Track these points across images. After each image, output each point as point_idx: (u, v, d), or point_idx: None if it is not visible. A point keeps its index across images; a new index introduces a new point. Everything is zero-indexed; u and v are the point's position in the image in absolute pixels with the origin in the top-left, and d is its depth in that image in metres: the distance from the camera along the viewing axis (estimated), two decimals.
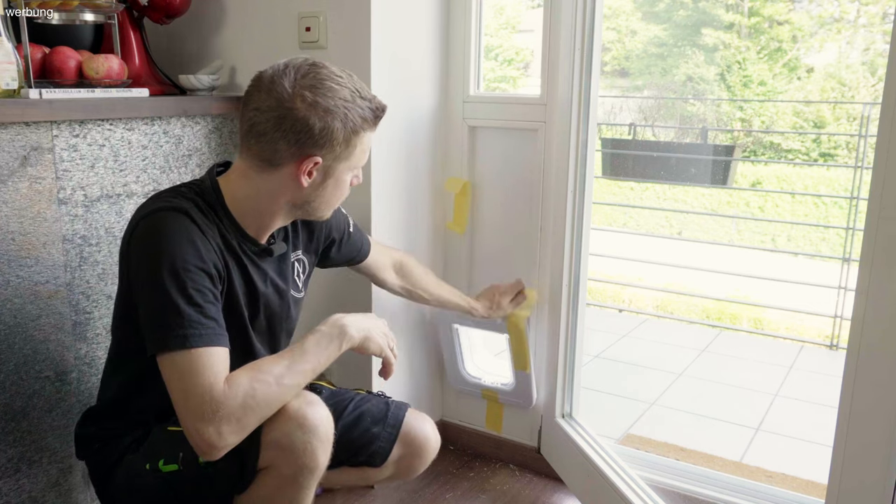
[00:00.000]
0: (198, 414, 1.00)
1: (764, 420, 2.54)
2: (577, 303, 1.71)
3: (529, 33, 6.72)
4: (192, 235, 1.07)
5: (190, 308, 1.03)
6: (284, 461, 1.09)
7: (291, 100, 1.08)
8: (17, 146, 1.30)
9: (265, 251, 1.22)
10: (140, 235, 1.08)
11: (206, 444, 1.00)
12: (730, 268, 4.21)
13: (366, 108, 1.13)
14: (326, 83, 1.10)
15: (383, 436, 1.35)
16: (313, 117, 1.08)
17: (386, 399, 1.43)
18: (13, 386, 1.35)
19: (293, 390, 1.08)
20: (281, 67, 1.11)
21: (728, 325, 3.98)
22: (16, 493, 1.38)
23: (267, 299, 1.24)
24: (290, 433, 1.07)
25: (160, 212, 1.08)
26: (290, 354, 1.10)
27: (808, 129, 7.20)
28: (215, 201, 1.15)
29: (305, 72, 1.10)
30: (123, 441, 1.19)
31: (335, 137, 1.10)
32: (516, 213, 1.82)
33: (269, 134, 1.09)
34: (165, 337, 1.02)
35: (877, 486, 0.96)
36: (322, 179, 1.15)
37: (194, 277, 1.05)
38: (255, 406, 1.03)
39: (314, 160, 1.11)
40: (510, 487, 1.81)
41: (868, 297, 0.94)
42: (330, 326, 1.15)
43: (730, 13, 7.77)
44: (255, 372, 1.05)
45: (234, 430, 1.01)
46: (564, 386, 1.75)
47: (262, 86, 1.11)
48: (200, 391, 1.00)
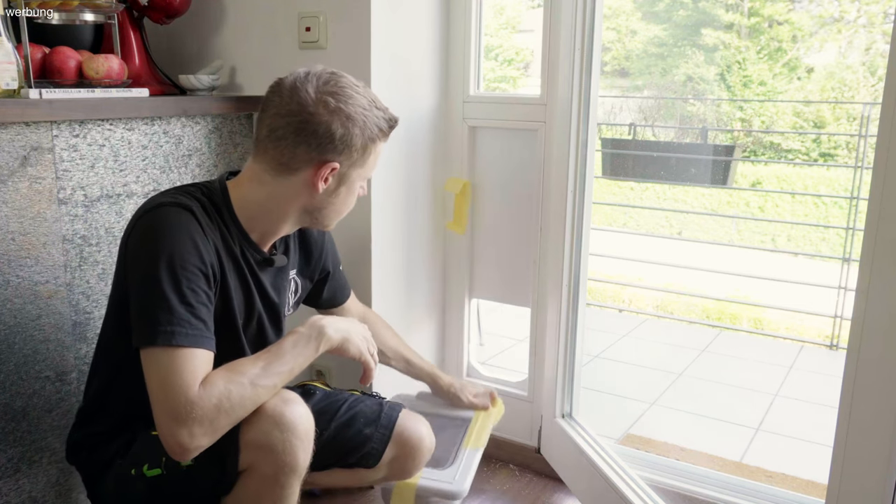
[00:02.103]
0: (172, 414, 1.00)
1: (764, 420, 2.54)
2: (577, 303, 1.71)
3: (529, 33, 6.73)
4: (193, 234, 1.08)
5: (182, 306, 1.03)
6: (264, 461, 1.08)
7: (315, 105, 1.10)
8: (17, 146, 1.30)
9: (266, 261, 1.23)
10: (142, 227, 1.09)
11: (177, 444, 1.00)
12: (730, 268, 4.21)
13: (381, 119, 1.16)
14: (348, 91, 1.12)
15: (376, 437, 1.34)
16: (335, 123, 1.10)
17: (380, 400, 1.42)
18: (13, 386, 1.35)
19: (269, 391, 1.08)
20: (302, 75, 1.13)
21: (728, 325, 3.98)
22: (16, 493, 1.38)
23: (261, 308, 1.24)
24: (268, 432, 1.07)
25: (165, 206, 1.09)
26: (267, 355, 1.10)
27: (808, 129, 7.20)
28: (222, 204, 1.16)
29: (327, 79, 1.12)
30: (110, 448, 1.19)
31: (354, 144, 1.13)
32: (516, 213, 1.82)
33: (288, 138, 1.11)
34: (153, 331, 1.02)
35: (877, 486, 0.96)
36: (336, 186, 1.17)
37: (190, 276, 1.05)
38: (230, 408, 1.03)
39: (332, 166, 1.13)
40: (510, 487, 1.81)
41: (868, 297, 0.94)
42: (308, 327, 1.15)
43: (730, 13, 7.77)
44: (231, 373, 1.05)
45: (206, 433, 1.01)
46: (564, 386, 1.75)
47: (283, 91, 1.12)
48: (177, 391, 1.00)
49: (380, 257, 1.73)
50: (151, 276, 1.03)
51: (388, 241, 1.74)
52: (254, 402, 1.06)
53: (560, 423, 1.75)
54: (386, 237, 1.74)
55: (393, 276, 1.78)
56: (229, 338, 1.20)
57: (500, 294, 1.93)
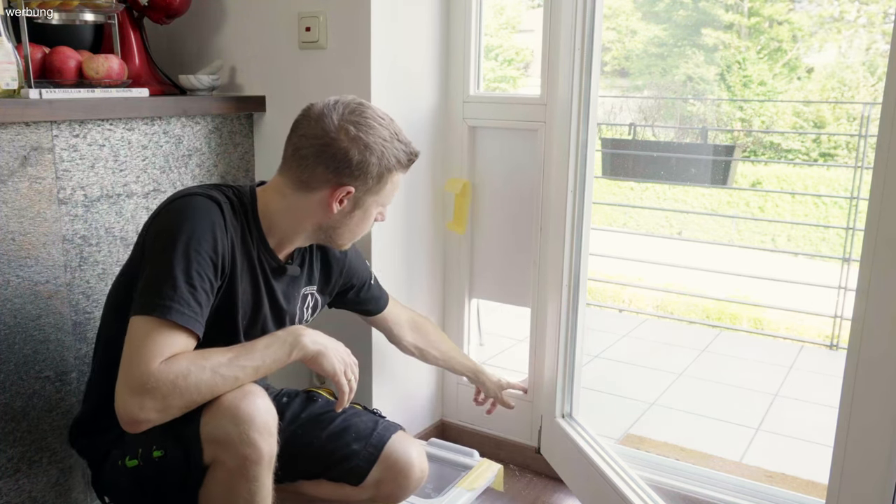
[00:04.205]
0: (129, 381, 1.02)
1: (764, 420, 2.54)
2: (577, 303, 1.71)
3: (529, 33, 6.72)
4: (214, 224, 1.13)
5: (186, 286, 1.07)
6: (226, 454, 1.09)
7: (337, 132, 1.16)
8: (17, 146, 1.30)
9: (280, 268, 1.26)
10: (171, 210, 1.14)
11: (127, 414, 1.02)
12: (730, 268, 4.21)
13: (401, 151, 1.21)
14: (370, 122, 1.18)
15: (363, 454, 1.33)
16: (353, 150, 1.16)
17: (378, 418, 1.40)
18: (13, 386, 1.35)
19: (229, 383, 1.08)
20: (332, 102, 1.19)
21: (728, 325, 3.98)
22: (16, 493, 1.38)
23: (267, 314, 1.26)
24: (224, 426, 1.08)
25: (196, 196, 1.15)
26: (238, 349, 1.12)
27: (808, 129, 7.19)
28: (249, 206, 1.21)
29: (353, 109, 1.18)
30: (108, 436, 1.21)
31: (370, 171, 1.18)
32: (516, 213, 1.82)
33: (310, 159, 1.17)
34: (152, 302, 1.05)
35: (877, 486, 0.96)
36: (351, 209, 1.22)
37: (201, 261, 1.09)
38: (185, 388, 1.03)
39: (347, 189, 1.18)
40: (510, 487, 1.81)
41: (868, 297, 0.94)
42: (287, 333, 1.17)
43: (730, 13, 7.77)
44: (196, 357, 1.06)
45: (157, 408, 1.02)
46: (564, 386, 1.75)
47: (311, 115, 1.18)
48: (141, 359, 1.02)
49: (380, 257, 1.73)
50: (167, 253, 1.08)
51: (388, 240, 1.74)
52: (210, 389, 1.07)
53: (560, 423, 1.75)
54: (386, 237, 1.74)
55: (393, 276, 1.78)
56: (228, 336, 1.21)
57: (500, 294, 1.93)
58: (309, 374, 1.80)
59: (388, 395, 1.82)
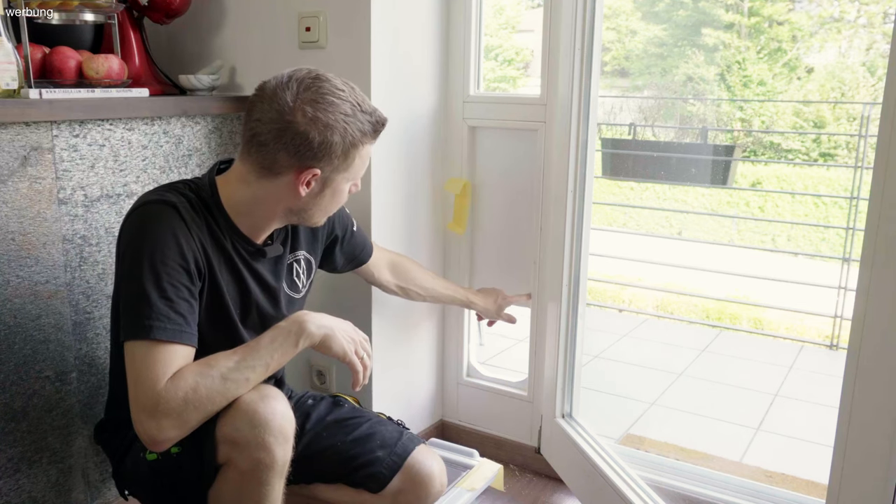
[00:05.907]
0: (142, 406, 1.02)
1: (764, 420, 2.54)
2: (577, 303, 1.71)
3: (529, 33, 6.72)
4: (175, 230, 1.10)
5: (161, 301, 1.05)
6: (239, 456, 1.09)
7: (292, 113, 1.10)
8: (17, 146, 1.30)
9: (259, 252, 1.23)
10: (127, 226, 1.13)
11: (147, 436, 1.03)
12: (730, 268, 4.21)
13: (366, 122, 1.15)
14: (328, 97, 1.11)
15: (386, 462, 1.32)
16: (313, 131, 1.10)
17: (402, 429, 1.40)
18: (13, 386, 1.35)
19: (242, 386, 1.08)
20: (284, 80, 1.12)
21: (728, 325, 3.98)
22: (16, 493, 1.38)
23: (258, 298, 1.25)
24: (241, 428, 1.07)
25: (148, 204, 1.12)
26: (244, 349, 1.10)
27: (808, 129, 7.19)
28: (210, 199, 1.17)
29: (308, 85, 1.11)
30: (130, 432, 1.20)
31: (333, 151, 1.13)
32: (516, 213, 1.82)
33: (269, 145, 1.11)
34: (133, 325, 1.05)
35: (878, 486, 0.96)
36: (320, 189, 1.17)
37: (171, 272, 1.07)
38: (197, 401, 1.03)
39: (313, 172, 1.14)
40: (510, 487, 1.81)
41: (868, 297, 0.94)
42: (290, 322, 1.15)
43: (730, 13, 7.77)
44: (203, 367, 1.06)
45: (175, 426, 1.03)
46: (564, 386, 1.75)
47: (264, 97, 1.12)
48: (147, 384, 1.02)
49: None
50: (134, 272, 1.07)
51: (388, 241, 1.74)
52: (224, 396, 1.06)
53: (560, 422, 1.75)
54: (386, 237, 1.74)
55: None
56: (227, 331, 1.20)
57: None
58: (309, 375, 1.80)
59: (389, 395, 1.82)
